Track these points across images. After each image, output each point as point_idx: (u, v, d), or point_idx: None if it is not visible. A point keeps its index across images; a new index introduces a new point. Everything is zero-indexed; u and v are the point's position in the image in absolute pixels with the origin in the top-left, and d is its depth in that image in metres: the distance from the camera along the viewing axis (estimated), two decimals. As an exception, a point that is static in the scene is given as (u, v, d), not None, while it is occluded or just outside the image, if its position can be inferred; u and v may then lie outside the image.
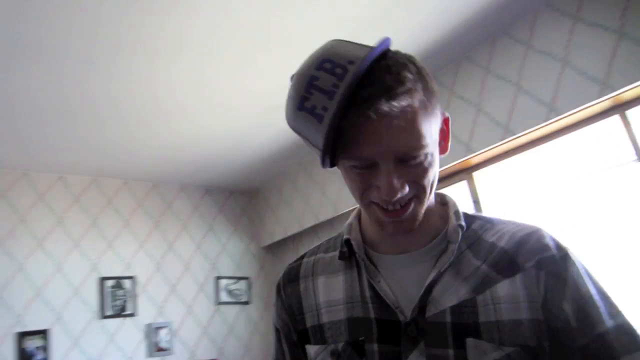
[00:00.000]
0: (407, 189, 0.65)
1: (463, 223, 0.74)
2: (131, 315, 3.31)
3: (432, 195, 0.73)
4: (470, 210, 0.86)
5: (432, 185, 0.69)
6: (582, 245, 2.06)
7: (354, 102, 0.61)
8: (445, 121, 0.72)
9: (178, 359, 3.38)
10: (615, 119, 2.04)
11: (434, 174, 0.68)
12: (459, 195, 2.62)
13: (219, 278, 3.82)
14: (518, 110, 2.24)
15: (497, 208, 2.50)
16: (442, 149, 0.73)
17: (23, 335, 2.86)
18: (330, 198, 3.36)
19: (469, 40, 2.41)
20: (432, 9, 2.15)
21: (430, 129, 0.66)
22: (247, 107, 2.81)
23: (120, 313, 3.26)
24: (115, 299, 3.28)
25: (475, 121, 2.43)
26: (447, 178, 2.70)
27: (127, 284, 3.37)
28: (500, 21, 2.28)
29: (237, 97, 2.70)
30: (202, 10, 1.99)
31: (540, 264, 0.69)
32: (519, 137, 2.26)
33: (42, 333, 2.92)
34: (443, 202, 0.80)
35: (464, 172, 2.65)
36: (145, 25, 2.05)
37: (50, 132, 2.83)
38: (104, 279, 3.30)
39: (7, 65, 2.19)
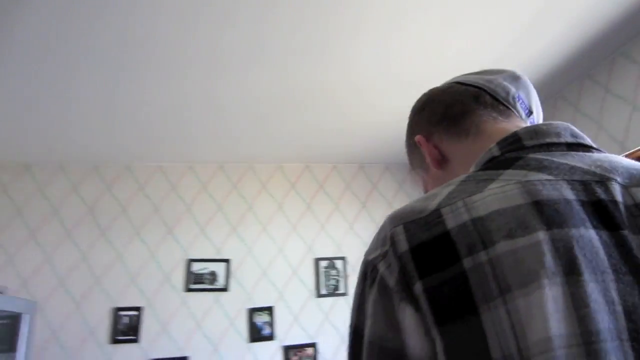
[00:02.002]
0: None
1: None
2: (343, 294, 3.49)
3: None
4: None
5: None
6: None
7: None
8: (418, 144, 0.74)
9: (390, 340, 3.43)
10: None
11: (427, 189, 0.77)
12: None
13: (429, 258, 3.70)
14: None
15: None
16: (432, 164, 0.73)
17: (253, 311, 3.30)
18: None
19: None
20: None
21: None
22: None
23: (333, 292, 3.47)
24: (329, 278, 3.50)
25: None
26: None
27: (339, 264, 3.55)
28: None
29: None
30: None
31: None
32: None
33: (268, 309, 3.32)
34: None
35: None
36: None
37: (271, 125, 3.13)
38: (318, 259, 3.55)
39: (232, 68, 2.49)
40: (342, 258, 3.58)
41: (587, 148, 0.55)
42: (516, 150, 0.55)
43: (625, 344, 0.39)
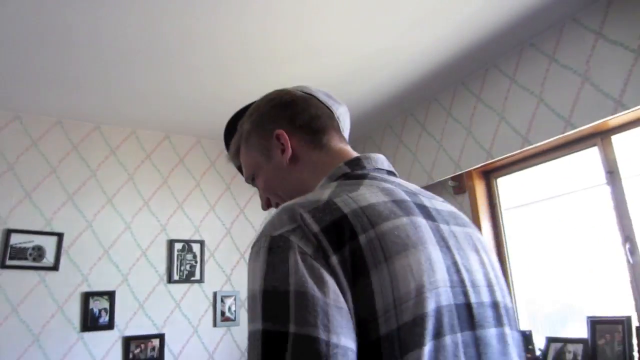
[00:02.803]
0: (266, 197, 0.88)
1: None
2: (199, 281, 3.15)
3: (292, 194, 0.82)
4: None
5: (276, 190, 0.85)
6: None
7: None
8: (277, 136, 0.82)
9: (243, 331, 3.21)
10: None
11: (271, 184, 0.84)
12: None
13: (289, 247, 3.58)
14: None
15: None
16: (285, 159, 0.81)
17: (89, 296, 2.77)
18: (424, 164, 3.02)
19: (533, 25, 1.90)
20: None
21: (252, 155, 0.87)
22: (343, 55, 2.49)
23: (187, 279, 3.12)
24: (184, 263, 3.13)
25: (579, 93, 1.95)
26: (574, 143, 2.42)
27: (195, 248, 3.21)
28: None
29: (335, 45, 2.38)
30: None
31: None
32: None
33: (108, 294, 2.82)
34: None
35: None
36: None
37: (125, 79, 2.61)
38: (172, 241, 3.15)
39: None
40: (201, 242, 3.24)
41: (395, 175, 0.77)
42: (361, 170, 0.73)
43: (449, 290, 0.59)
